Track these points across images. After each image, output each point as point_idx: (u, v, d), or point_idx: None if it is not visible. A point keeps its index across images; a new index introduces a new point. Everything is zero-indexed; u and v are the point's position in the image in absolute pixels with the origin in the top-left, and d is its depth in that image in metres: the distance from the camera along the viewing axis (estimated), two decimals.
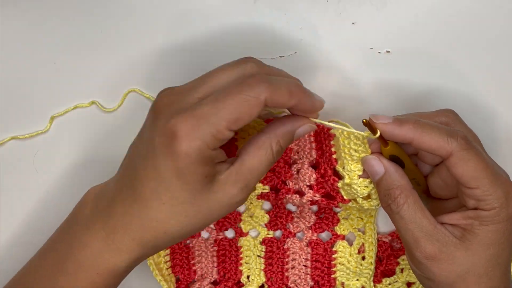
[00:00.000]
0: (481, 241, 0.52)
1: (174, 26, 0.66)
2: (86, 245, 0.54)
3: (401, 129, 0.52)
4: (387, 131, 0.53)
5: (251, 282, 0.67)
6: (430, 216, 0.54)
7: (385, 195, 0.55)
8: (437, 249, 0.53)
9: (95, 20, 0.66)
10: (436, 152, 0.52)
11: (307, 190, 0.61)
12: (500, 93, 0.66)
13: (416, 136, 0.52)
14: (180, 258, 0.66)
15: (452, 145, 0.52)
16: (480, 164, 0.52)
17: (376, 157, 0.56)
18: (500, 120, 0.66)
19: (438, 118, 0.57)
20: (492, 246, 0.53)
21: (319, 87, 0.66)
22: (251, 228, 0.67)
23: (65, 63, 0.66)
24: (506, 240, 0.53)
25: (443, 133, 0.52)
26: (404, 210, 0.53)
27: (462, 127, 0.57)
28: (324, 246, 0.66)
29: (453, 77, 0.66)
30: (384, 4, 0.66)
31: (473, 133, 0.57)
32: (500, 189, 0.52)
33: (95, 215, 0.54)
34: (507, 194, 0.52)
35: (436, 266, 0.53)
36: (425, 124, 0.53)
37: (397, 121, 0.53)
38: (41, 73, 0.66)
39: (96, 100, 0.66)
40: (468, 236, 0.53)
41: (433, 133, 0.52)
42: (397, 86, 0.66)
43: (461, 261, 0.53)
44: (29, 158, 0.67)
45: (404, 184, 0.54)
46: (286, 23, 0.66)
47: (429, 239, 0.53)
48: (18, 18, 0.66)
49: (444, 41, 0.66)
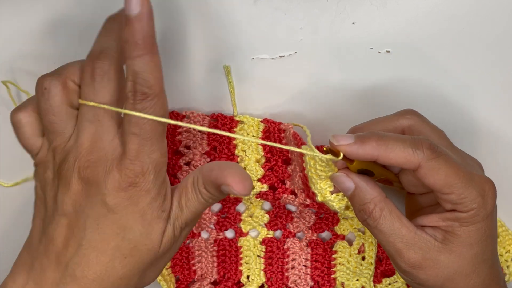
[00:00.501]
0: (464, 242, 0.52)
1: (172, 25, 0.66)
2: None
3: (364, 148, 0.51)
4: (349, 152, 0.51)
5: (251, 282, 0.67)
6: (408, 223, 0.53)
7: (360, 210, 0.54)
8: (421, 257, 0.52)
9: (95, 20, 0.66)
10: (403, 166, 0.51)
11: (300, 193, 0.61)
12: (501, 93, 0.66)
13: (381, 154, 0.51)
14: (180, 258, 0.66)
15: (419, 157, 0.50)
16: (450, 170, 0.51)
17: (344, 173, 0.54)
18: (500, 118, 0.66)
19: (400, 122, 0.56)
20: (475, 245, 0.52)
21: (318, 87, 0.66)
22: (251, 228, 0.67)
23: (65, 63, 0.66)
24: (488, 237, 0.53)
25: (408, 146, 0.51)
26: (381, 224, 0.53)
27: (426, 128, 0.56)
28: (324, 246, 0.66)
29: (453, 77, 0.66)
30: (384, 4, 0.65)
31: (439, 131, 0.57)
32: (474, 189, 0.51)
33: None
34: (483, 193, 0.51)
35: (423, 272, 0.53)
36: (388, 138, 0.51)
37: (359, 140, 0.51)
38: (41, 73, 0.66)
39: None
40: (450, 238, 0.52)
41: (398, 148, 0.51)
42: (397, 86, 0.66)
43: (446, 264, 0.52)
44: (29, 158, 0.66)
45: (376, 196, 0.53)
46: (286, 23, 0.66)
47: (411, 248, 0.52)
48: (18, 18, 0.66)
49: (444, 41, 0.66)
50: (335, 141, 0.51)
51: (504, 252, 0.65)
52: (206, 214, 0.66)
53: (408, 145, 0.51)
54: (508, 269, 0.65)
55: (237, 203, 0.67)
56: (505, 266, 0.65)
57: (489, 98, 0.66)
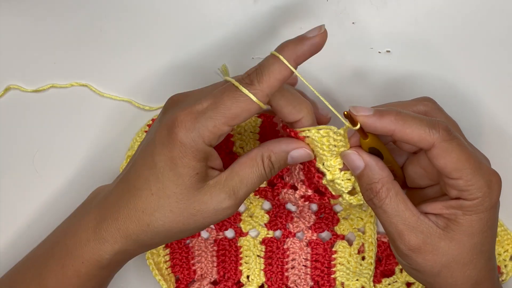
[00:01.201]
0: (465, 231, 0.52)
1: (172, 25, 0.66)
2: (75, 233, 0.55)
3: (382, 121, 0.51)
4: (368, 123, 0.52)
5: (250, 282, 0.67)
6: (413, 207, 0.53)
7: (367, 189, 0.54)
8: (421, 241, 0.53)
9: (95, 20, 0.66)
10: (418, 144, 0.52)
11: (300, 185, 0.61)
12: (501, 92, 0.66)
13: (398, 128, 0.51)
14: (179, 257, 0.66)
15: (434, 136, 0.51)
16: (462, 155, 0.51)
17: (355, 152, 0.55)
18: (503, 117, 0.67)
19: (417, 107, 0.56)
20: (476, 235, 0.52)
21: (318, 87, 0.66)
22: (251, 228, 0.67)
23: (65, 62, 0.66)
24: (489, 229, 0.53)
25: (425, 125, 0.51)
26: (386, 204, 0.53)
27: (441, 115, 0.56)
28: (324, 246, 0.66)
29: (453, 76, 0.66)
30: (384, 4, 0.66)
31: (453, 121, 0.57)
32: (482, 178, 0.51)
33: (91, 207, 0.56)
34: (490, 183, 0.52)
35: (421, 257, 0.53)
36: (407, 115, 0.52)
37: (378, 113, 0.52)
38: (42, 73, 0.67)
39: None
40: (452, 226, 0.53)
41: (415, 125, 0.51)
42: (397, 86, 0.66)
43: (446, 251, 0.53)
44: (29, 158, 0.67)
45: (385, 177, 0.54)
46: (286, 23, 0.66)
47: (413, 231, 0.53)
48: (18, 18, 0.66)
49: (444, 41, 0.66)
50: (354, 111, 0.52)
51: (502, 252, 0.65)
52: None
53: (425, 124, 0.51)
54: (506, 269, 0.65)
55: None
56: (502, 265, 0.65)
57: (491, 96, 0.66)
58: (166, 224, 0.53)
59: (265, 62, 0.52)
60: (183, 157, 0.51)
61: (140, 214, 0.53)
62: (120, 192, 0.54)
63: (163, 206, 0.53)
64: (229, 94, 0.51)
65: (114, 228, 0.54)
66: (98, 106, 0.67)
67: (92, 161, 0.67)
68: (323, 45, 0.52)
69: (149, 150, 0.53)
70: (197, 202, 0.53)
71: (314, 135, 0.54)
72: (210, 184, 0.53)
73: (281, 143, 0.55)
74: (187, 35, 0.66)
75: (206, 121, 0.51)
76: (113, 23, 0.66)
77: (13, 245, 0.67)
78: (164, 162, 0.52)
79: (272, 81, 0.51)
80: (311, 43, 0.51)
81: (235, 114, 0.51)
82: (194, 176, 0.52)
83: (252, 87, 0.51)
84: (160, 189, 0.52)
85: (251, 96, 0.51)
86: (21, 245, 0.65)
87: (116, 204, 0.54)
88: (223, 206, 0.53)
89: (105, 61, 0.66)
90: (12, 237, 0.67)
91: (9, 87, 0.67)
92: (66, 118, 0.67)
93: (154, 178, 0.52)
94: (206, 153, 0.52)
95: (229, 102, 0.51)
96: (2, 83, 0.67)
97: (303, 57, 0.52)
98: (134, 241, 0.54)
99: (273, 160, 0.54)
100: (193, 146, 0.51)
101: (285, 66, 0.51)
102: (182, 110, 0.52)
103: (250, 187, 0.54)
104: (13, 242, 0.67)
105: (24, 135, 0.67)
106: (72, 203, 0.60)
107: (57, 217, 0.61)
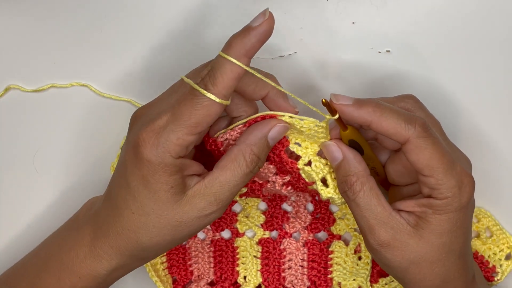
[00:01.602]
0: (434, 230, 0.53)
1: (173, 26, 0.66)
2: (71, 248, 0.56)
3: (361, 111, 0.52)
4: (346, 112, 0.52)
5: (247, 282, 0.67)
6: (385, 203, 0.54)
7: (342, 181, 0.54)
8: (390, 237, 0.53)
9: (95, 20, 0.66)
10: (393, 137, 0.52)
11: (275, 178, 0.60)
12: (501, 92, 0.66)
13: (375, 120, 0.51)
14: (176, 259, 0.66)
15: (409, 131, 0.51)
16: (435, 153, 0.51)
17: (335, 143, 0.55)
18: (500, 118, 0.66)
19: (399, 104, 0.56)
20: (444, 234, 0.53)
21: (318, 87, 0.66)
22: (247, 228, 0.67)
23: (65, 62, 0.67)
24: (459, 229, 0.53)
25: (402, 119, 0.51)
26: (359, 198, 0.53)
27: (422, 112, 0.56)
28: (321, 246, 0.67)
29: (453, 76, 0.66)
30: (384, 3, 0.65)
31: (435, 119, 0.57)
32: (453, 179, 0.52)
33: (85, 221, 0.56)
34: (460, 184, 0.52)
35: (390, 252, 0.53)
36: (385, 108, 0.52)
37: (357, 103, 0.52)
38: (42, 73, 0.67)
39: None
40: (422, 224, 0.53)
41: (392, 118, 0.51)
42: (397, 86, 0.66)
43: (414, 248, 0.53)
44: (29, 158, 0.67)
45: (361, 171, 0.54)
46: (286, 23, 0.66)
47: (383, 227, 0.53)
48: (18, 18, 0.66)
49: (444, 41, 0.66)
50: (334, 99, 0.52)
51: (498, 251, 0.65)
52: None
53: (402, 118, 0.51)
54: (501, 268, 0.65)
55: (233, 204, 0.67)
56: (498, 264, 0.65)
57: (489, 97, 0.66)
58: (153, 239, 0.53)
59: (216, 64, 0.51)
60: (154, 174, 0.51)
61: (127, 232, 0.53)
62: (107, 210, 0.55)
63: (145, 223, 0.53)
64: (186, 104, 0.51)
65: (108, 246, 0.54)
66: (98, 106, 0.67)
67: (92, 161, 0.67)
68: (271, 31, 0.51)
69: (122, 171, 0.53)
70: (178, 214, 0.53)
71: (298, 123, 0.55)
72: (189, 195, 0.53)
73: (256, 131, 0.54)
74: (187, 35, 0.66)
75: (168, 135, 0.50)
76: (113, 23, 0.66)
77: (13, 245, 0.67)
78: (137, 181, 0.52)
79: (226, 81, 0.50)
80: (258, 32, 0.50)
81: (196, 122, 0.51)
82: (169, 190, 0.52)
83: (208, 92, 0.50)
84: (139, 208, 0.52)
85: (212, 97, 0.50)
86: (21, 245, 0.66)
87: (106, 222, 0.54)
88: (205, 213, 0.53)
89: (105, 61, 0.66)
90: (12, 237, 0.67)
91: (9, 87, 0.67)
92: (66, 118, 0.67)
93: (131, 197, 0.53)
94: (177, 165, 0.52)
95: (188, 111, 0.50)
96: (2, 83, 0.67)
97: (253, 50, 0.50)
98: (129, 257, 0.55)
99: (257, 152, 0.54)
100: (161, 162, 0.51)
101: (236, 64, 0.50)
102: (144, 128, 0.51)
103: (233, 190, 0.54)
104: (13, 242, 0.67)
105: (24, 135, 0.67)
106: (72, 203, 0.61)
107: (57, 217, 0.62)
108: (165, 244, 0.54)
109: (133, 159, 0.52)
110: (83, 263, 0.55)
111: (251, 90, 0.55)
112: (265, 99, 0.56)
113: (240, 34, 0.51)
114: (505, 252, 0.66)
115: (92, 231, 0.55)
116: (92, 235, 0.55)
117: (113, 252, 0.54)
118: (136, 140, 0.51)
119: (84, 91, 0.67)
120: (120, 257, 0.54)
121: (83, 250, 0.55)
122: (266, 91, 0.56)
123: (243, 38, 0.50)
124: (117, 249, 0.54)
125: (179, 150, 0.51)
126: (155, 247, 0.54)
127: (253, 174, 0.54)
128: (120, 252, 0.54)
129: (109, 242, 0.54)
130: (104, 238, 0.54)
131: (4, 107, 0.67)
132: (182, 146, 0.51)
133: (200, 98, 0.50)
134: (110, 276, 0.56)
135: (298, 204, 0.67)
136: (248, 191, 0.64)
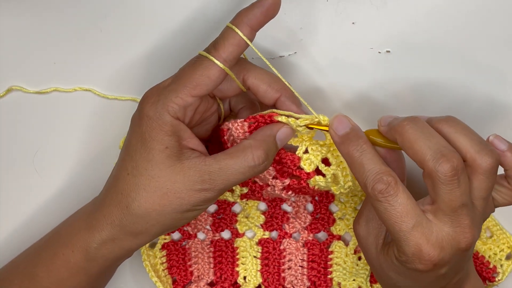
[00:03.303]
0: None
1: (173, 25, 0.66)
2: (71, 223, 0.58)
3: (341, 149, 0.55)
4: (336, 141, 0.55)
5: (247, 283, 0.67)
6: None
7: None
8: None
9: (95, 20, 0.66)
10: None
11: (275, 181, 0.60)
12: (501, 92, 0.66)
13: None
14: (176, 259, 0.67)
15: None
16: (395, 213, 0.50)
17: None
18: (500, 117, 0.67)
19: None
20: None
21: (318, 87, 0.66)
22: (247, 229, 0.67)
23: (66, 62, 0.67)
24: (429, 284, 0.54)
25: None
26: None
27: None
28: (320, 247, 0.67)
29: (453, 76, 0.66)
30: (384, 4, 0.65)
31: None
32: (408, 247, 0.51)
33: (90, 203, 0.58)
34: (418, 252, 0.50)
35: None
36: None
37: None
38: (43, 73, 0.67)
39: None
40: None
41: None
42: (397, 86, 0.66)
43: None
44: (29, 159, 0.67)
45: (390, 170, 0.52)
46: (286, 23, 0.66)
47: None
48: (19, 18, 0.66)
49: (444, 41, 0.65)
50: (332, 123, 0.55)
51: (498, 251, 0.66)
52: (202, 215, 0.67)
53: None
54: (502, 268, 0.65)
55: (233, 204, 0.68)
56: (498, 265, 0.65)
57: (489, 97, 0.66)
58: (142, 205, 0.54)
59: (221, 33, 0.54)
60: (151, 131, 0.53)
61: (120, 196, 0.55)
62: (109, 180, 0.57)
63: (137, 185, 0.54)
64: (189, 66, 0.54)
65: (101, 215, 0.55)
66: (98, 106, 0.67)
67: (92, 161, 0.68)
68: (277, 8, 0.54)
69: (128, 133, 0.56)
70: (170, 181, 0.53)
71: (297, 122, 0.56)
72: (185, 165, 0.53)
73: (265, 130, 0.56)
74: (188, 35, 0.66)
75: (169, 93, 0.53)
76: (113, 23, 0.66)
77: (13, 245, 0.67)
78: (136, 139, 0.54)
79: (227, 46, 0.53)
80: (263, 5, 0.53)
81: (196, 82, 0.53)
82: (163, 150, 0.53)
83: (209, 54, 0.53)
84: (134, 168, 0.54)
85: (211, 57, 0.53)
86: (20, 245, 0.66)
87: (105, 191, 0.56)
88: (196, 187, 0.53)
89: (105, 61, 0.66)
90: (12, 237, 0.68)
91: (11, 88, 0.67)
92: (67, 118, 0.67)
93: (128, 157, 0.54)
94: (174, 126, 0.53)
95: (189, 72, 0.53)
96: (4, 83, 0.67)
97: (256, 21, 0.54)
98: (118, 227, 0.55)
99: (266, 148, 0.55)
100: (158, 118, 0.53)
101: (237, 33, 0.53)
102: (150, 89, 0.55)
103: (230, 177, 0.54)
104: (13, 242, 0.67)
105: (24, 135, 0.67)
106: (72, 204, 0.61)
107: (57, 217, 0.62)
108: (153, 217, 0.54)
109: (136, 117, 0.55)
110: (77, 235, 0.56)
111: (263, 90, 0.57)
112: (277, 103, 0.58)
113: (248, 8, 0.54)
114: (506, 252, 0.66)
115: (93, 206, 0.57)
116: (91, 208, 0.57)
117: (104, 221, 0.55)
118: (142, 100, 0.55)
119: (86, 92, 0.67)
120: (110, 227, 0.55)
121: (80, 223, 0.57)
122: (278, 94, 0.57)
123: (248, 10, 0.54)
124: (109, 217, 0.55)
125: (177, 109, 0.53)
126: (144, 218, 0.54)
127: (256, 171, 0.55)
128: (110, 222, 0.55)
129: (103, 211, 0.55)
130: (100, 208, 0.56)
131: (5, 107, 0.67)
132: (180, 106, 0.53)
133: (202, 60, 0.54)
134: (100, 252, 0.56)
135: (298, 205, 0.67)
136: (248, 192, 0.64)
